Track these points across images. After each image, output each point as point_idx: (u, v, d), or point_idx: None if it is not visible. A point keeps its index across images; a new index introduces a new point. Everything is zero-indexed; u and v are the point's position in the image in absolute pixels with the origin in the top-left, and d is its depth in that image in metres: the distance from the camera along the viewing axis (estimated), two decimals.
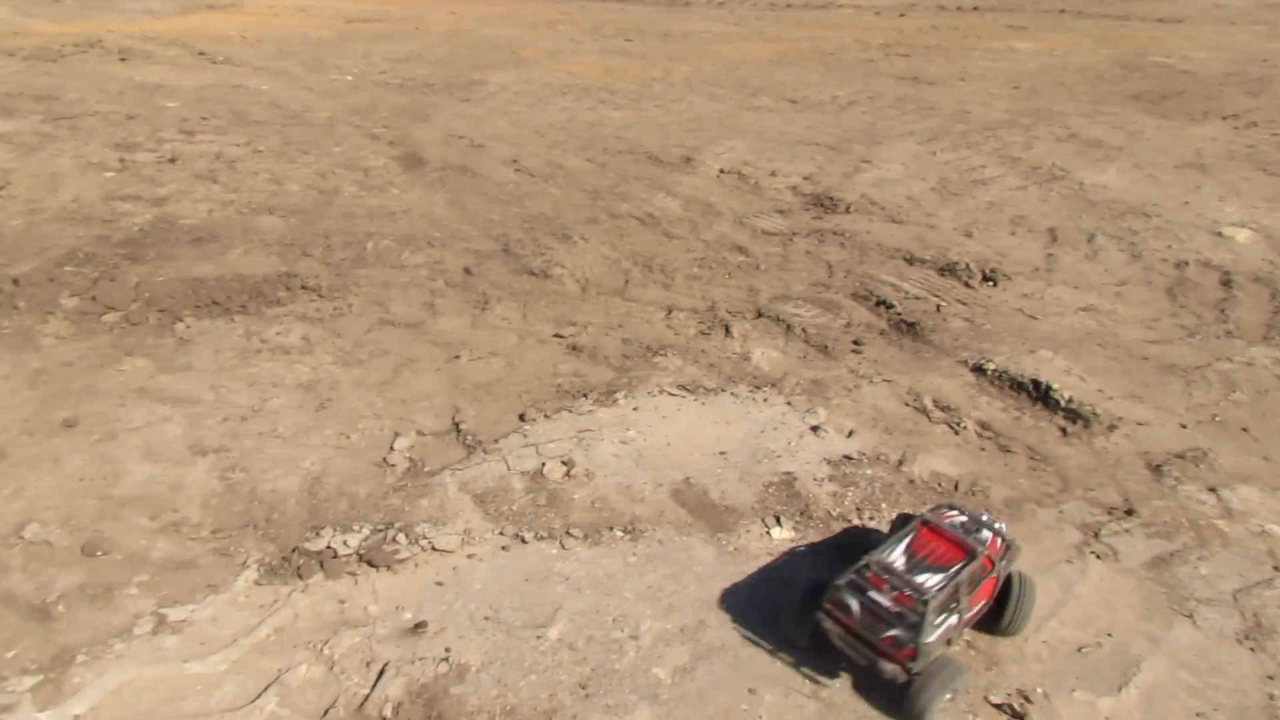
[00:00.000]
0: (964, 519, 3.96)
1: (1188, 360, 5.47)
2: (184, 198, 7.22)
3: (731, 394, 5.06)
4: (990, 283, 6.15)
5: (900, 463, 4.55)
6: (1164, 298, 6.07)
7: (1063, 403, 4.91)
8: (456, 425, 4.67)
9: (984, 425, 4.87)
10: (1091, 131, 9.16)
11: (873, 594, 3.60)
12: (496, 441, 4.52)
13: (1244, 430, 4.94)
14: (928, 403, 5.01)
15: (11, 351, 4.97)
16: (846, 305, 5.98)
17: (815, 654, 3.63)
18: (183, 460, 4.24)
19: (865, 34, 13.88)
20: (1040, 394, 5.02)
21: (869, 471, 4.49)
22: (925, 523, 3.87)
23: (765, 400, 5.01)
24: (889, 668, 3.52)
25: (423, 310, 5.76)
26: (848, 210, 7.39)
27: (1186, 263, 6.52)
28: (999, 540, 3.89)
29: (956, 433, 4.78)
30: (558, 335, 5.59)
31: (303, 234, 6.64)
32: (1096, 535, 4.15)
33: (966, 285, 6.17)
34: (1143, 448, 4.76)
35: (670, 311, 5.94)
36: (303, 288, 5.80)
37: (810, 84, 11.04)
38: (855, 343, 5.49)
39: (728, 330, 5.66)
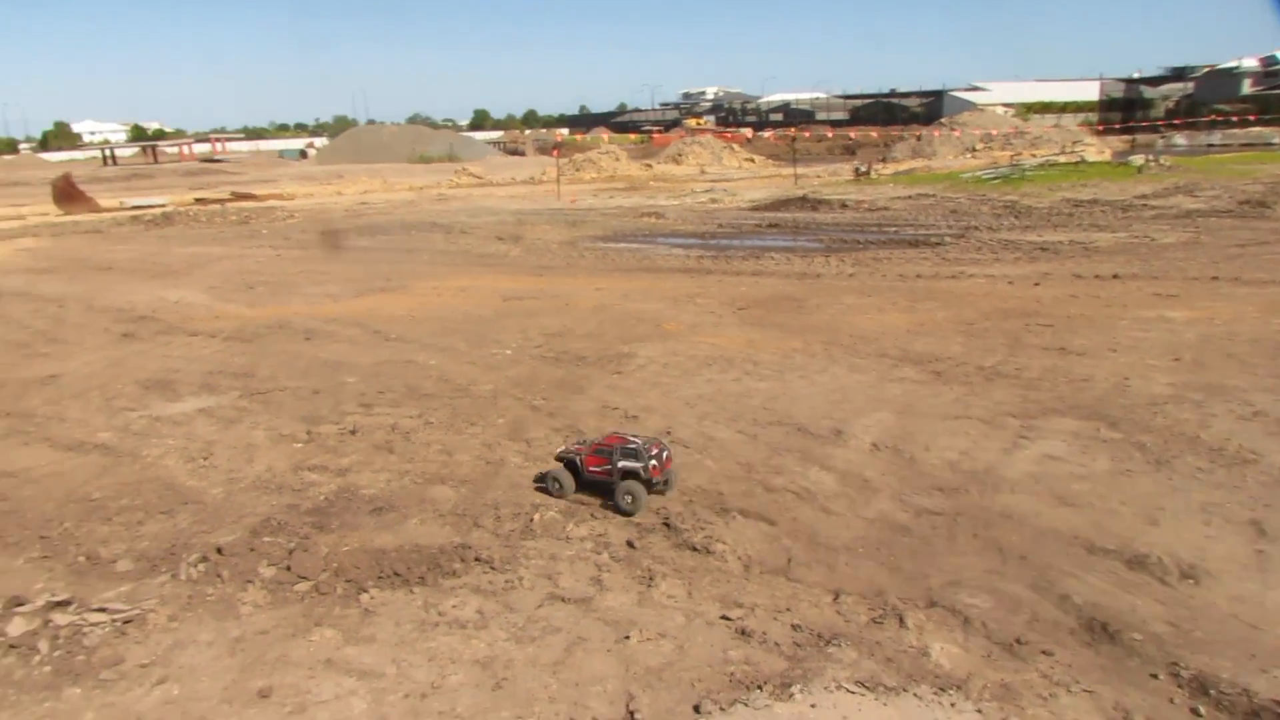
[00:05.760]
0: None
1: None
2: (364, 468, 7.67)
3: (915, 695, 4.74)
4: (1191, 580, 5.72)
5: None
6: None
7: None
8: (631, 714, 4.52)
9: None
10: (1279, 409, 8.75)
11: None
12: None
13: None
14: None
15: (215, 619, 5.24)
16: (1026, 598, 5.66)
17: None
18: None
19: (1002, 303, 14.09)
20: None
21: None
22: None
23: (953, 705, 4.66)
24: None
25: (590, 585, 5.78)
26: (1012, 490, 7.20)
27: None
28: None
29: None
30: (725, 617, 5.46)
31: (473, 504, 6.90)
32: None
33: (1163, 582, 5.75)
34: None
35: (838, 595, 5.76)
36: (476, 559, 5.95)
37: (952, 355, 11.17)
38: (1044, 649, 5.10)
39: (901, 620, 5.41)
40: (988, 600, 5.66)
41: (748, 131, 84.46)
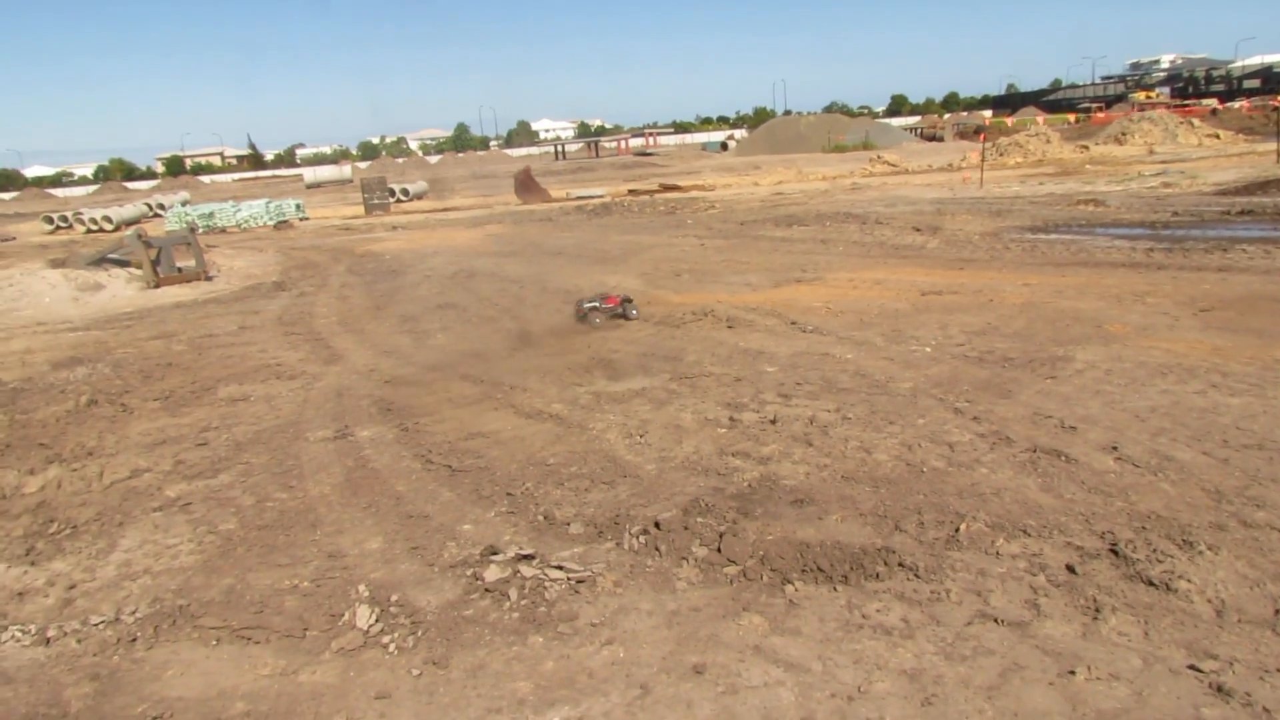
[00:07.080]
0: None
1: None
2: (784, 459, 7.83)
3: None
4: None
5: None
6: None
7: None
8: None
9: None
10: None
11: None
12: None
13: None
14: None
15: (653, 590, 5.66)
16: None
17: None
18: None
19: None
20: None
21: None
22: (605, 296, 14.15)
23: None
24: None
25: (1025, 608, 5.35)
26: None
27: None
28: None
29: None
30: (1193, 668, 4.74)
31: (894, 507, 6.73)
32: None
33: None
34: None
35: None
36: (899, 565, 5.79)
37: None
38: None
39: None
40: None
41: (1212, 103, 73.16)
